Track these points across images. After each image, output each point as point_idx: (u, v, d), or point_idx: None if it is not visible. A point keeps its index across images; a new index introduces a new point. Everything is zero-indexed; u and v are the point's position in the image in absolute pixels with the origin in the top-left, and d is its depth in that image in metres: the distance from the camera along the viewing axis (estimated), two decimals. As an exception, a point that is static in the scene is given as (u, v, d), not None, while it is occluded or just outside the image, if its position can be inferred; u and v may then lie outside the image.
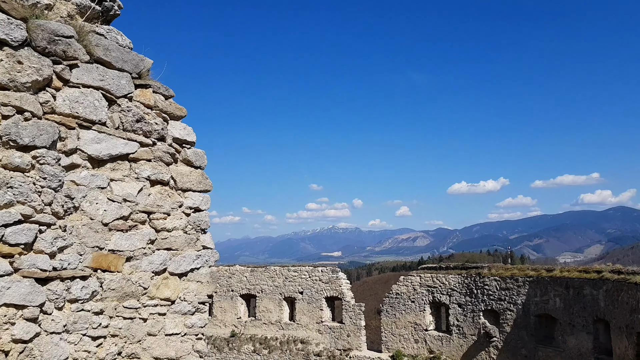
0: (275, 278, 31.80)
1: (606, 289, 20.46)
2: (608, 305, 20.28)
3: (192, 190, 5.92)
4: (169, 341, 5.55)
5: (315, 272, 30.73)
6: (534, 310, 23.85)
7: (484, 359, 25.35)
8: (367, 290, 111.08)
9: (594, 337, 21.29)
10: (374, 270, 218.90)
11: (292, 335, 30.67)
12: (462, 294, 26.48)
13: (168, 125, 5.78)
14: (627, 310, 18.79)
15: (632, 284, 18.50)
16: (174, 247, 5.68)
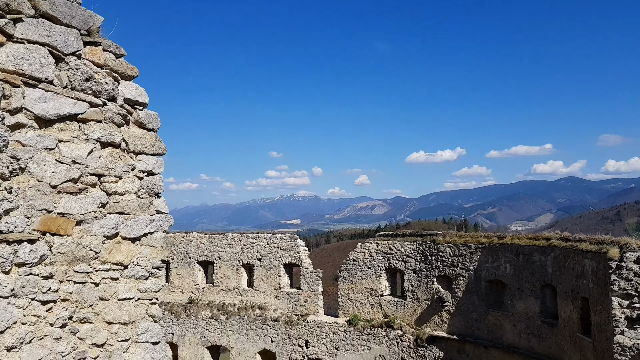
0: (233, 245, 31.76)
1: (554, 256, 21.30)
2: (555, 271, 21.16)
3: (144, 153, 5.79)
4: (122, 306, 5.50)
5: (274, 239, 30.85)
6: (485, 276, 24.70)
7: (437, 322, 26.23)
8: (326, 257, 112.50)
9: (541, 302, 22.24)
10: (333, 237, 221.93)
11: (250, 301, 30.90)
12: (417, 261, 27.14)
13: (119, 85, 5.60)
14: (573, 276, 19.68)
15: (579, 251, 19.30)
16: (127, 211, 5.57)
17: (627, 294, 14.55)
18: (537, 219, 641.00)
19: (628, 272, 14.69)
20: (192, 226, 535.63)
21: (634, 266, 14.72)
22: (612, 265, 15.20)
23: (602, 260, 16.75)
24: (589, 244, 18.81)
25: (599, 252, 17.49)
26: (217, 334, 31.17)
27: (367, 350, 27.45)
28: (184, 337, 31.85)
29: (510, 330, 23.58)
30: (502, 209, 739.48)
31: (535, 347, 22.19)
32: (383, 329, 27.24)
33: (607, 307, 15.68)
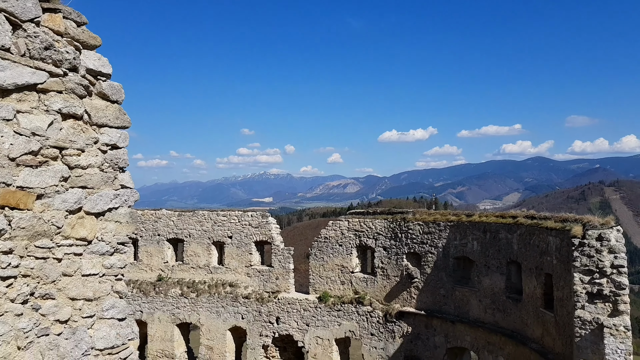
0: (203, 222, 31.53)
1: (520, 233, 21.79)
2: (521, 248, 21.68)
3: (108, 126, 5.63)
4: (86, 282, 5.39)
5: (245, 216, 30.73)
6: (453, 253, 25.16)
7: (406, 298, 26.69)
8: (298, 235, 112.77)
9: (506, 278, 22.80)
10: (305, 216, 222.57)
11: (221, 279, 30.87)
12: (387, 238, 27.44)
13: (81, 54, 5.39)
14: (538, 253, 20.21)
15: (543, 229, 19.78)
16: (90, 185, 5.42)
17: (589, 270, 15.02)
18: (505, 197, 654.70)
19: (590, 249, 15.14)
20: (162, 204, 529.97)
21: (595, 243, 15.16)
22: (575, 243, 15.63)
23: (566, 238, 17.21)
24: (554, 222, 19.29)
25: (562, 230, 17.96)
26: (187, 312, 31.12)
27: (337, 326, 27.81)
28: (153, 315, 31.69)
29: (476, 306, 24.17)
30: (471, 188, 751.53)
31: (500, 322, 22.82)
32: (353, 305, 27.60)
33: (569, 282, 16.16)
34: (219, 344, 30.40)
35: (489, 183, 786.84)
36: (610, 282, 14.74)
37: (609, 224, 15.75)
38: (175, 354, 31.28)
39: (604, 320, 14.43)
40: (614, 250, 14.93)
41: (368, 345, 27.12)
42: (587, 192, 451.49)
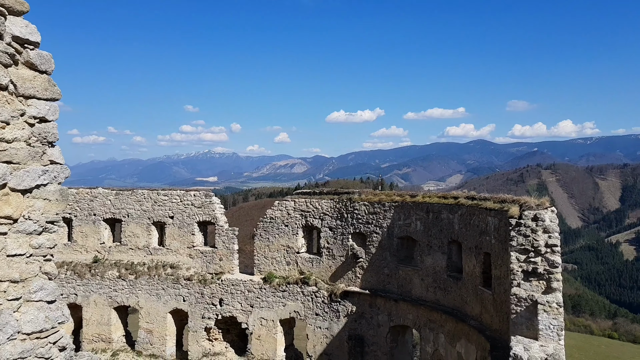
0: (143, 202, 30.48)
1: (461, 214, 22.24)
2: (461, 228, 22.14)
3: (36, 98, 5.18)
4: (11, 262, 4.99)
5: (187, 196, 29.91)
6: (397, 233, 25.44)
7: (351, 278, 26.85)
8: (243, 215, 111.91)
9: (447, 257, 23.29)
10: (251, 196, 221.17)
11: (162, 260, 30.04)
12: (333, 218, 27.42)
13: (6, 21, 4.89)
14: (477, 233, 20.68)
15: (483, 209, 20.24)
16: (16, 160, 4.99)
17: (524, 249, 15.41)
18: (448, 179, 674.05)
19: (526, 229, 15.52)
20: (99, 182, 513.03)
21: (531, 223, 15.56)
22: (512, 223, 15.99)
23: (504, 218, 17.63)
24: (493, 203, 19.76)
25: (501, 211, 18.40)
26: (125, 295, 30.16)
27: (282, 306, 27.69)
28: (88, 298, 30.53)
29: (418, 284, 24.60)
30: (416, 169, 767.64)
31: (441, 300, 23.34)
32: (298, 285, 27.53)
33: (506, 261, 16.57)
34: (159, 327, 29.70)
35: (433, 165, 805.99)
36: (545, 260, 15.18)
37: (544, 205, 16.19)
38: (112, 338, 30.34)
39: (538, 298, 14.87)
40: (548, 230, 15.36)
41: (313, 325, 27.19)
42: (526, 174, 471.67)
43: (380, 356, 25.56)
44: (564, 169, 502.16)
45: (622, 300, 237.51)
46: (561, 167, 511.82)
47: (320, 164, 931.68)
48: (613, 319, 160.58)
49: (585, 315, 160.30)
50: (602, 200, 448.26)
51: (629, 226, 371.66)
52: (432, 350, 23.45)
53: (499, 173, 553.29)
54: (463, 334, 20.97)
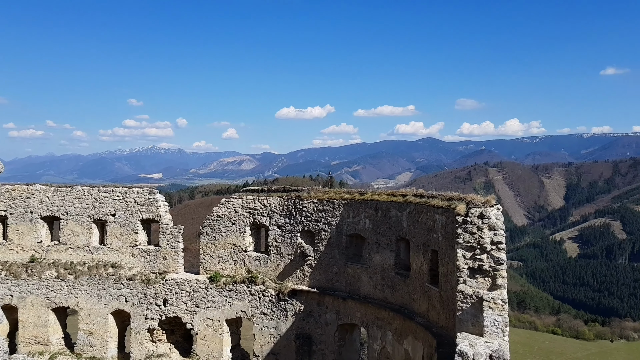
0: (83, 199, 29.08)
1: (409, 211, 22.31)
2: (409, 226, 22.21)
3: None
4: None
5: (130, 193, 28.72)
6: (346, 231, 25.29)
7: (299, 276, 26.52)
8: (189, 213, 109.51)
9: (396, 255, 23.34)
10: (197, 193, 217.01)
11: (103, 260, 28.75)
12: (282, 216, 27.00)
13: None
14: (425, 230, 20.78)
15: (431, 207, 20.36)
16: None
17: (471, 247, 15.50)
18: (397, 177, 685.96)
19: (472, 227, 15.62)
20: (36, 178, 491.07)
21: (477, 221, 15.67)
22: (459, 220, 16.07)
23: (451, 216, 17.75)
24: (440, 201, 19.91)
25: (448, 208, 18.54)
26: (64, 295, 28.71)
27: (229, 306, 27.05)
28: (25, 299, 28.90)
29: (367, 282, 24.55)
30: (366, 167, 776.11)
31: (389, 298, 23.36)
32: (245, 284, 26.96)
33: (453, 258, 16.66)
34: (100, 329, 28.44)
35: (383, 162, 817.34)
36: (490, 257, 15.31)
37: (490, 203, 16.35)
38: (50, 340, 28.83)
39: (483, 294, 14.96)
40: (494, 228, 15.50)
41: (260, 325, 26.69)
42: (473, 172, 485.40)
43: (328, 355, 25.37)
44: (511, 167, 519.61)
45: (565, 296, 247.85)
46: (508, 165, 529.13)
47: (269, 161, 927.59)
48: (557, 315, 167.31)
49: (530, 312, 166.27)
50: (547, 199, 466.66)
51: (572, 224, 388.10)
52: (380, 348, 23.45)
53: (447, 171, 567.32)
54: (410, 331, 21.04)
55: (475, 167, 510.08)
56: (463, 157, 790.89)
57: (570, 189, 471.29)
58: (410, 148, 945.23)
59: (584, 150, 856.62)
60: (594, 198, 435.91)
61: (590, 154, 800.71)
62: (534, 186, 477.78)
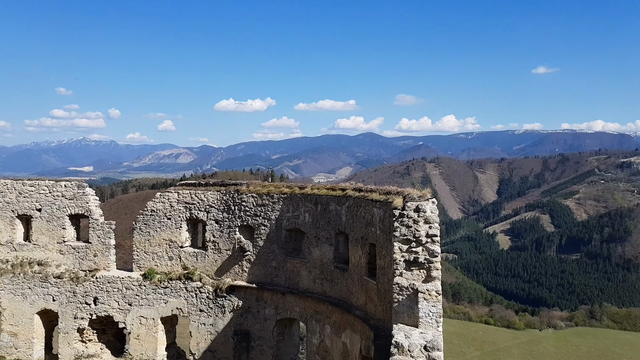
0: (6, 193, 27.33)
1: (348, 205, 22.44)
2: (349, 220, 22.34)
3: None
4: None
5: (58, 187, 27.24)
6: (285, 225, 25.11)
7: (237, 272, 26.10)
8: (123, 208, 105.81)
9: (335, 248, 23.42)
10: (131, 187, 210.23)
11: (28, 257, 27.13)
12: (220, 211, 26.46)
13: None
14: (364, 224, 20.95)
15: (369, 201, 20.55)
16: None
17: (407, 240, 15.70)
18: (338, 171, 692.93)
19: (408, 220, 15.83)
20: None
21: (413, 214, 15.90)
22: (396, 214, 16.25)
23: (388, 209, 17.95)
24: (378, 195, 20.13)
25: (386, 202, 18.75)
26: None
27: (164, 304, 26.26)
28: (-60, 302, 26.88)
29: (306, 277, 24.50)
30: (307, 161, 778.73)
31: (328, 291, 23.42)
32: (182, 281, 26.25)
33: (390, 251, 16.83)
34: (25, 330, 26.92)
35: (323, 157, 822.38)
36: (425, 250, 15.57)
37: (426, 197, 16.65)
38: (-32, 344, 27.00)
39: (418, 286, 15.20)
40: (429, 221, 15.77)
41: (197, 322, 26.08)
42: (411, 167, 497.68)
43: (267, 350, 25.16)
44: (447, 162, 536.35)
45: (497, 287, 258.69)
46: (444, 160, 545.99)
47: (207, 155, 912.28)
48: (489, 306, 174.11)
49: (464, 303, 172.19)
50: (481, 193, 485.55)
51: (504, 217, 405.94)
52: (318, 342, 23.49)
53: (386, 166, 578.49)
54: (348, 324, 21.19)
55: (413, 162, 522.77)
56: (402, 152, 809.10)
57: (503, 184, 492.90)
58: (351, 143, 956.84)
59: (516, 146, 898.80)
60: (524, 192, 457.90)
61: (521, 150, 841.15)
62: (468, 181, 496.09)
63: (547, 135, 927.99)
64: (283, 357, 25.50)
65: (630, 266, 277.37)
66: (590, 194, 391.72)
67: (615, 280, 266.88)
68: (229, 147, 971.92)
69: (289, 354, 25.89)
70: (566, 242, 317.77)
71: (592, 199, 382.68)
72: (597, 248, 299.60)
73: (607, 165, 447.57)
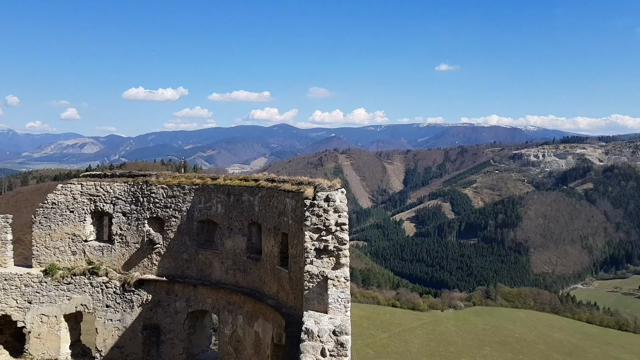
0: None
1: (261, 196, 22.61)
2: (261, 210, 22.51)
3: None
4: None
5: (-57, 179, 25.10)
6: (197, 216, 24.80)
7: (147, 265, 25.44)
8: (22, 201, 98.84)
9: (248, 239, 23.52)
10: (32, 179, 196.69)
11: None
12: (127, 203, 25.59)
13: None
14: (276, 214, 21.23)
15: (282, 191, 20.87)
16: None
17: (317, 228, 16.16)
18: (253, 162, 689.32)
19: (319, 209, 16.29)
20: None
21: (323, 204, 16.38)
22: (307, 203, 16.67)
23: (300, 199, 18.37)
24: (291, 185, 20.51)
25: (298, 192, 19.17)
26: None
27: (67, 300, 25.05)
28: None
29: (218, 268, 24.41)
30: (221, 152, 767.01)
31: (241, 282, 23.51)
32: (86, 276, 25.16)
33: (302, 240, 17.23)
34: None
35: (238, 147, 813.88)
36: (335, 238, 16.10)
37: (336, 187, 17.21)
38: None
39: (328, 273, 15.70)
40: (338, 210, 16.32)
41: (103, 318, 25.14)
42: (324, 158, 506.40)
43: (178, 344, 24.80)
44: (358, 153, 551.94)
45: (404, 272, 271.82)
46: (355, 152, 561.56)
47: (115, 144, 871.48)
48: (396, 290, 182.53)
49: (373, 288, 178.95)
50: (389, 183, 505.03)
51: (410, 205, 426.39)
52: (231, 332, 23.55)
53: (300, 157, 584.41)
54: (261, 313, 21.44)
55: (326, 153, 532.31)
56: (315, 143, 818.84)
57: (409, 174, 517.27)
58: (265, 134, 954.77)
59: (421, 139, 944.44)
60: (428, 182, 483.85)
61: (425, 142, 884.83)
62: (377, 171, 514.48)
63: (448, 129, 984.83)
64: (195, 349, 25.28)
65: (521, 249, 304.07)
66: (486, 183, 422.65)
67: (508, 262, 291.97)
68: (138, 137, 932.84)
69: (200, 346, 25.70)
70: (465, 228, 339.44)
71: (488, 187, 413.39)
72: (492, 233, 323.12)
73: (501, 156, 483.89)
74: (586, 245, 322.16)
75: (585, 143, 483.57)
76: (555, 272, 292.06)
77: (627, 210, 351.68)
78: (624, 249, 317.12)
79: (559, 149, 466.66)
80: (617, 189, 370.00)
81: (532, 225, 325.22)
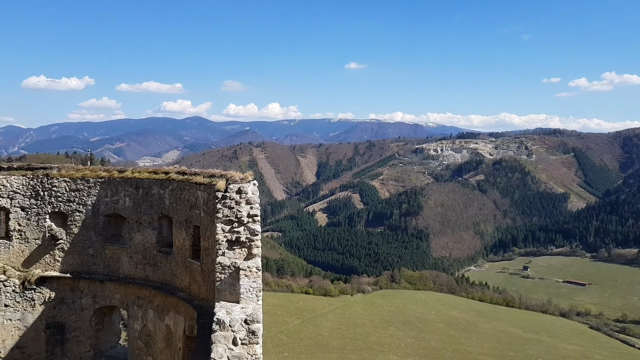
0: None
1: (172, 189, 22.29)
2: (172, 203, 22.21)
3: None
4: None
5: None
6: (103, 211, 24.00)
7: (49, 262, 24.27)
8: None
9: (158, 232, 23.10)
10: None
11: None
12: (26, 197, 24.22)
13: None
14: (188, 207, 21.07)
15: (193, 184, 20.73)
16: None
17: (229, 220, 16.35)
18: (165, 155, 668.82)
19: (231, 201, 16.48)
20: None
21: (235, 196, 16.58)
22: (219, 196, 16.78)
23: (212, 192, 18.39)
24: (203, 178, 20.43)
25: (210, 185, 19.17)
26: None
27: (-41, 301, 23.35)
28: None
29: (127, 263, 23.82)
30: (130, 144, 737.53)
31: (151, 276, 23.11)
32: (-19, 275, 23.56)
33: (214, 233, 17.32)
34: None
35: (149, 140, 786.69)
36: (247, 229, 16.37)
37: (248, 179, 17.45)
38: None
39: (240, 264, 15.98)
40: (250, 202, 16.60)
41: (2, 318, 23.69)
42: (239, 151, 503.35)
43: (84, 341, 23.95)
44: (272, 147, 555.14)
45: (316, 260, 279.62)
46: (270, 145, 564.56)
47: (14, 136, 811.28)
48: (309, 277, 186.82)
49: (287, 276, 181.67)
50: (302, 175, 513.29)
51: (322, 197, 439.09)
52: (141, 327, 23.12)
53: (214, 150, 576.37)
54: (172, 307, 21.25)
55: (240, 146, 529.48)
56: (230, 136, 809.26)
57: (321, 167, 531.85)
58: (178, 126, 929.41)
59: (332, 133, 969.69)
60: (339, 174, 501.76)
61: (337, 136, 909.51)
62: (291, 164, 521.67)
63: (357, 124, 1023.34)
64: (103, 346, 24.53)
65: (422, 236, 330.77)
66: (391, 175, 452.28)
67: (410, 248, 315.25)
68: (40, 128, 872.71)
69: (109, 343, 24.96)
70: (373, 217, 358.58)
71: (393, 179, 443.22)
72: (397, 221, 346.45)
73: (404, 150, 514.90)
74: (478, 231, 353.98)
75: (478, 139, 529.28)
76: (452, 255, 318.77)
77: (513, 199, 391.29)
78: (510, 233, 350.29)
79: (455, 144, 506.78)
80: (504, 180, 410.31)
81: (431, 213, 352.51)
